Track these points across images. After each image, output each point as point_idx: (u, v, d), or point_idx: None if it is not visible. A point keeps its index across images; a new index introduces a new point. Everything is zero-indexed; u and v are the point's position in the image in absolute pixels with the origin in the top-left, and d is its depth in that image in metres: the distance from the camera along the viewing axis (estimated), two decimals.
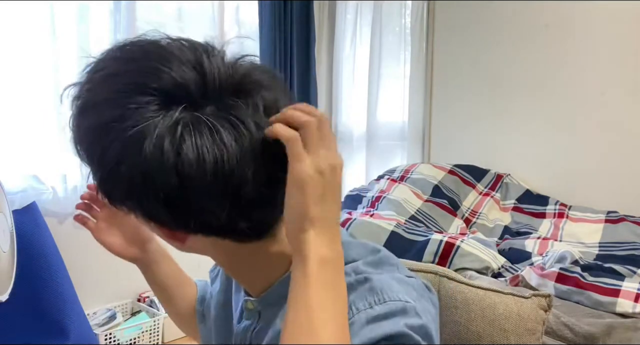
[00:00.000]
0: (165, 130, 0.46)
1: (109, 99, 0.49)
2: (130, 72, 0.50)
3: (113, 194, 0.51)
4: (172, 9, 2.49)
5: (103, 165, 0.49)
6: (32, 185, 1.95)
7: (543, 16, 2.90)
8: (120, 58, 0.52)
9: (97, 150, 0.49)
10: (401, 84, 3.35)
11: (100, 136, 0.48)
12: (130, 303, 2.39)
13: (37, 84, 1.94)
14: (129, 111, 0.47)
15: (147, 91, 0.48)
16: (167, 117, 0.47)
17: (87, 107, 0.50)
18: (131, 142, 0.46)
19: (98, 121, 0.49)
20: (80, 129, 0.51)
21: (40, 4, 1.92)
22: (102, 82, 0.50)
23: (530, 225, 2.54)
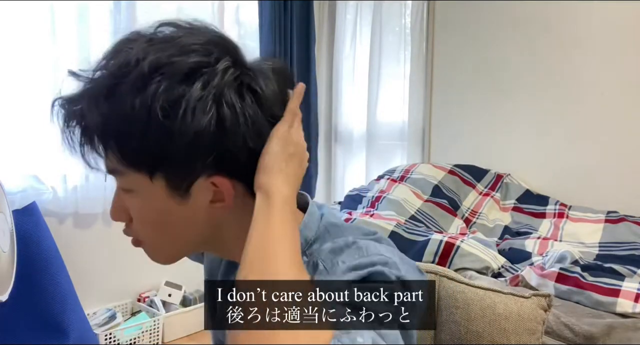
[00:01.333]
0: (233, 69, 0.55)
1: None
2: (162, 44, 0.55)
3: (167, 159, 0.54)
4: (172, 9, 2.49)
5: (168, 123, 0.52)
6: (32, 185, 1.95)
7: (543, 16, 2.90)
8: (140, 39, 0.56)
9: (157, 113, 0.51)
10: (401, 84, 3.35)
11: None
12: (130, 303, 2.39)
13: (37, 84, 1.94)
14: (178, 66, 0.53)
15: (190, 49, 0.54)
16: (223, 58, 0.55)
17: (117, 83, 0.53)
18: (193, 98, 0.52)
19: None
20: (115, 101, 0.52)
21: (40, 4, 1.92)
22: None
23: (530, 225, 2.54)
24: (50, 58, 1.98)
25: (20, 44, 1.90)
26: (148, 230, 0.60)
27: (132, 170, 0.55)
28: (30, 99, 1.93)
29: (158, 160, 0.54)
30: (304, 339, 0.46)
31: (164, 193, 0.56)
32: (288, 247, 0.52)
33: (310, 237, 0.62)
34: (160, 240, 0.61)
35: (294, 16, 2.78)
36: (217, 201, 0.57)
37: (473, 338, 0.79)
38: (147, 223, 0.59)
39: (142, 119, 0.51)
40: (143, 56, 0.52)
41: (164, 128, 0.51)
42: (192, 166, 0.54)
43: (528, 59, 2.97)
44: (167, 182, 0.55)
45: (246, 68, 0.57)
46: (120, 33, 0.56)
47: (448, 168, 2.83)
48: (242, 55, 0.58)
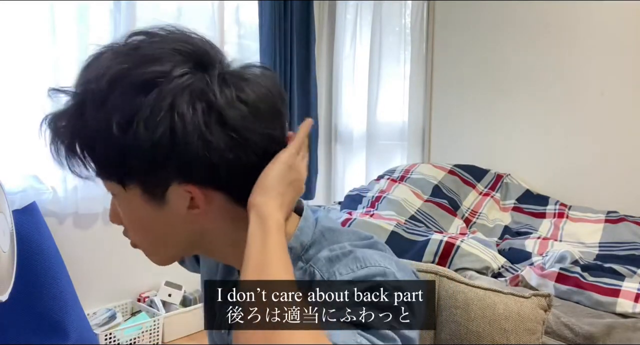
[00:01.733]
0: (189, 76, 0.54)
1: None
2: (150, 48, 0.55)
3: (155, 170, 0.54)
4: (172, 9, 2.49)
5: (149, 131, 0.52)
6: (32, 185, 1.95)
7: (543, 16, 2.90)
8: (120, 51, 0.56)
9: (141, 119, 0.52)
10: (401, 84, 3.35)
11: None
12: (130, 303, 2.39)
13: (37, 84, 1.94)
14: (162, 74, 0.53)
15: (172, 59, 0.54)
16: (186, 67, 0.54)
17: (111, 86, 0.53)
18: (176, 101, 0.52)
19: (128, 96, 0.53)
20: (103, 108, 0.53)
21: (40, 4, 1.92)
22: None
23: (530, 225, 2.54)
24: (50, 58, 1.98)
25: (20, 44, 1.90)
26: (136, 234, 0.62)
27: (107, 180, 0.57)
28: (30, 99, 1.92)
29: (124, 171, 0.55)
30: (304, 339, 0.46)
31: (140, 199, 0.57)
32: (284, 273, 0.52)
33: (306, 242, 0.62)
34: (149, 243, 0.63)
35: (294, 16, 2.78)
36: (194, 208, 0.57)
37: (473, 338, 0.79)
38: (133, 227, 0.61)
39: (103, 134, 0.52)
40: (104, 71, 0.53)
41: (122, 142, 0.52)
42: (157, 175, 0.55)
43: (528, 59, 2.97)
44: (140, 189, 0.56)
45: (209, 75, 0.54)
46: (120, 33, 0.57)
47: (448, 168, 2.83)
48: (213, 61, 0.56)
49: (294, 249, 0.61)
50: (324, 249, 0.61)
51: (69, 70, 2.02)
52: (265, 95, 0.57)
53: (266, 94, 0.57)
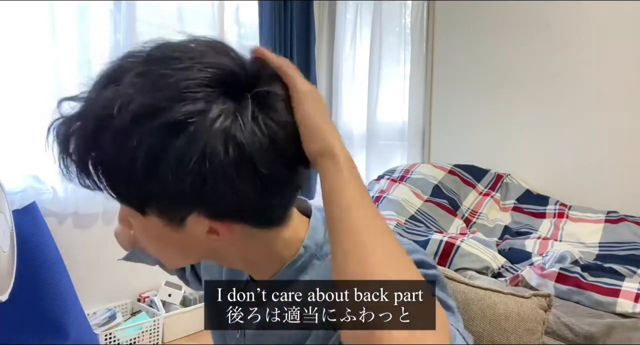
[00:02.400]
0: (223, 117, 0.49)
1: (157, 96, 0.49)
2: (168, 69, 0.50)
3: (168, 197, 0.51)
4: (172, 9, 2.49)
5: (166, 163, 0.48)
6: (32, 185, 1.95)
7: (543, 16, 2.90)
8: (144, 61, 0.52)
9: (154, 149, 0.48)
10: (401, 84, 3.35)
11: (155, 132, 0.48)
12: (130, 303, 2.39)
13: (37, 84, 1.94)
14: (181, 101, 0.48)
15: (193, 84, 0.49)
16: (218, 104, 0.49)
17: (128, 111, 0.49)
18: (193, 132, 0.48)
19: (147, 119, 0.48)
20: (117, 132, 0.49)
21: (40, 4, 1.92)
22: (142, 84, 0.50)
23: (530, 225, 2.54)
24: (50, 58, 1.97)
25: (20, 44, 1.90)
26: (149, 246, 0.60)
27: (123, 203, 0.55)
28: (30, 99, 1.92)
29: (145, 202, 0.53)
30: (425, 338, 0.44)
31: (158, 223, 0.54)
32: (379, 224, 0.50)
33: (320, 240, 0.61)
34: (160, 253, 0.62)
35: (294, 16, 2.78)
36: (213, 233, 0.55)
37: (473, 338, 0.79)
38: (146, 241, 0.59)
39: (125, 167, 0.49)
40: (128, 100, 0.48)
41: (146, 182, 0.49)
42: (179, 209, 0.52)
43: (528, 59, 2.97)
44: (159, 216, 0.53)
45: (239, 109, 0.50)
46: (120, 33, 0.55)
47: (448, 168, 2.83)
48: (242, 83, 0.52)
49: (308, 248, 0.60)
50: None
51: (69, 70, 2.02)
52: (292, 124, 0.53)
53: (292, 123, 0.53)
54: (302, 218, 0.63)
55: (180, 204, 0.51)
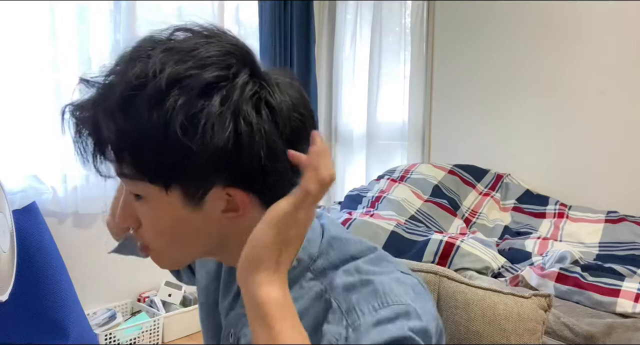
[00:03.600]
0: (252, 83, 0.53)
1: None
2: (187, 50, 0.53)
3: (194, 171, 0.52)
4: (172, 9, 2.49)
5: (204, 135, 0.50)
6: (32, 185, 1.95)
7: (543, 16, 2.90)
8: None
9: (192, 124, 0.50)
10: (401, 84, 3.35)
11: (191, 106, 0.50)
12: (130, 303, 2.39)
13: (37, 84, 1.94)
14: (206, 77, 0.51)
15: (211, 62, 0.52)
16: (245, 72, 0.53)
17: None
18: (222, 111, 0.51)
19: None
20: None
21: (40, 4, 1.92)
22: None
23: (530, 225, 2.54)
24: (50, 58, 1.98)
25: (20, 44, 1.90)
26: (158, 237, 0.59)
27: (147, 181, 0.54)
28: (30, 99, 1.93)
29: (174, 173, 0.52)
30: None
31: (178, 202, 0.54)
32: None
33: (314, 253, 0.61)
34: (169, 248, 0.60)
35: (294, 16, 2.78)
36: (230, 211, 0.56)
37: (473, 338, 0.79)
38: (158, 230, 0.58)
39: (159, 134, 0.50)
40: (160, 68, 0.50)
41: (182, 144, 0.50)
42: (208, 179, 0.53)
43: (528, 59, 2.97)
44: (182, 192, 0.54)
45: (264, 80, 0.54)
46: (120, 33, 0.55)
47: (448, 168, 2.83)
48: (259, 65, 0.56)
49: (302, 261, 0.60)
50: (337, 270, 0.59)
51: (69, 70, 2.02)
52: (303, 97, 0.58)
53: (303, 96, 0.58)
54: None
55: (210, 170, 0.52)
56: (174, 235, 0.58)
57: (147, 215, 0.57)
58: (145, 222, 0.58)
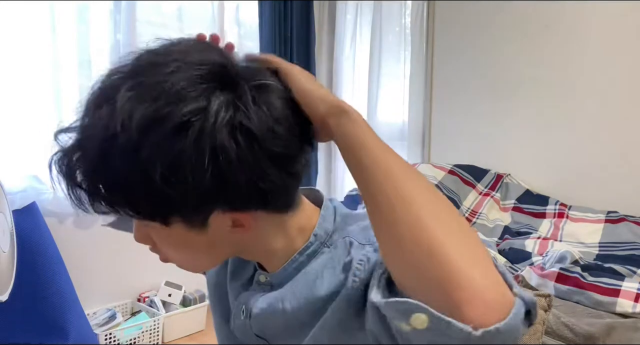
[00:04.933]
0: (224, 109, 0.49)
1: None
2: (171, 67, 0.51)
3: (190, 198, 0.51)
4: (172, 9, 2.48)
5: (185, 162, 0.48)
6: (32, 185, 1.95)
7: (543, 16, 2.90)
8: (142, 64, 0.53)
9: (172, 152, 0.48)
10: (401, 84, 3.35)
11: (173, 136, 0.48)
12: (130, 303, 2.39)
13: (37, 84, 1.94)
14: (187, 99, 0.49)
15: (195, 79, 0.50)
16: (217, 97, 0.50)
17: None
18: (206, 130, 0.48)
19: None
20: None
21: (40, 4, 1.92)
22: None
23: (530, 225, 2.54)
24: (50, 58, 1.97)
25: (20, 44, 1.89)
26: (174, 254, 0.60)
27: (144, 221, 0.55)
28: (30, 99, 1.92)
29: (168, 212, 0.52)
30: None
31: (183, 230, 0.55)
32: (415, 171, 0.50)
33: (329, 229, 0.63)
34: (187, 261, 0.62)
35: (294, 16, 2.78)
36: (238, 227, 0.56)
37: None
38: (172, 249, 0.60)
39: (142, 182, 0.49)
40: (128, 115, 0.47)
41: (166, 191, 0.49)
42: (203, 210, 0.53)
43: (528, 59, 2.97)
44: (183, 222, 0.54)
45: (238, 98, 0.50)
46: (120, 33, 0.55)
47: (448, 168, 2.83)
48: (232, 74, 0.52)
49: (318, 236, 0.62)
50: (347, 227, 0.62)
51: (69, 70, 2.02)
52: (291, 100, 0.55)
53: (290, 99, 0.55)
54: (314, 207, 0.65)
55: (203, 205, 0.52)
56: (188, 252, 0.59)
57: (158, 238, 0.58)
58: (159, 243, 0.59)
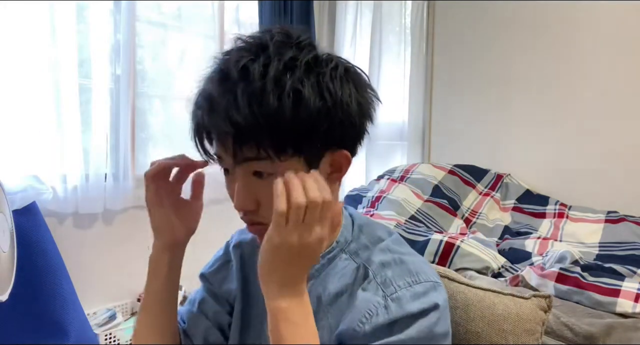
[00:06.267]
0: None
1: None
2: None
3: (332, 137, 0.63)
4: (172, 9, 2.49)
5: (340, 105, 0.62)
6: (32, 185, 1.94)
7: (543, 16, 2.90)
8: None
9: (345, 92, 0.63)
10: (401, 84, 3.35)
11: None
12: (130, 303, 2.39)
13: (37, 84, 1.94)
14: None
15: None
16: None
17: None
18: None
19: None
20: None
21: (40, 4, 1.92)
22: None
23: (530, 225, 2.54)
24: (50, 58, 1.97)
25: (20, 44, 1.89)
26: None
27: (277, 156, 0.61)
28: (30, 99, 1.92)
29: (301, 143, 0.61)
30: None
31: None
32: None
33: (349, 237, 0.73)
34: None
35: (294, 16, 2.78)
36: (334, 172, 0.67)
37: (472, 338, 0.79)
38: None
39: (291, 113, 0.59)
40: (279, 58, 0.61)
41: (306, 115, 0.60)
42: (324, 138, 0.62)
43: (528, 59, 2.97)
44: (305, 160, 0.63)
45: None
46: (120, 33, 0.56)
47: (448, 168, 2.83)
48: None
49: (340, 242, 0.73)
50: (372, 249, 0.72)
51: (69, 70, 2.02)
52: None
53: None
54: (340, 213, 0.74)
55: (326, 133, 0.62)
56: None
57: (268, 194, 0.61)
58: (267, 199, 0.62)
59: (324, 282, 0.71)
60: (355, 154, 0.68)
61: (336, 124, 0.62)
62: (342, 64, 0.66)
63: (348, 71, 0.66)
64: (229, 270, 0.83)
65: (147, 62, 2.45)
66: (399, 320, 0.62)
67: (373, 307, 0.64)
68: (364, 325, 0.63)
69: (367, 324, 0.63)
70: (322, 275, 0.72)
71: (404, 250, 0.73)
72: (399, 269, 0.67)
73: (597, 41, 2.73)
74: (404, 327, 0.62)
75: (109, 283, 2.29)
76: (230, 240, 0.87)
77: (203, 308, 0.82)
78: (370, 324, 0.63)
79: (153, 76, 2.46)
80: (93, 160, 2.13)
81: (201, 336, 0.80)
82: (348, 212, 0.77)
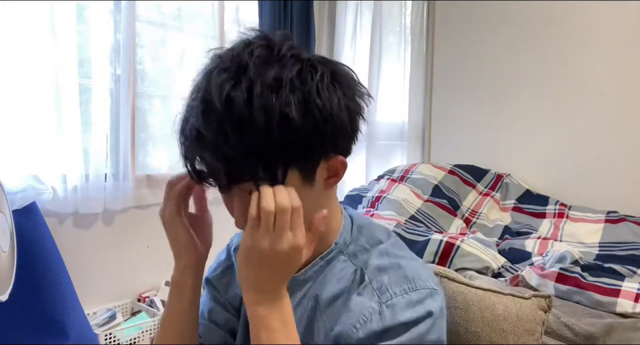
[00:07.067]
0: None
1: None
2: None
3: (319, 147, 0.62)
4: (172, 9, 2.49)
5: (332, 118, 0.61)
6: (32, 185, 1.94)
7: (543, 16, 2.90)
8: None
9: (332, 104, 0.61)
10: (401, 84, 3.35)
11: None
12: (130, 303, 2.39)
13: (37, 84, 1.94)
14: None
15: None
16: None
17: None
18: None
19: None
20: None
21: (40, 4, 1.92)
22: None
23: (530, 225, 2.54)
24: (50, 58, 1.97)
25: (20, 44, 1.89)
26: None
27: (271, 179, 0.61)
28: (30, 99, 1.92)
29: (295, 161, 0.61)
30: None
31: (299, 188, 0.63)
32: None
33: (347, 239, 0.73)
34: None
35: (294, 16, 2.78)
36: (332, 177, 0.67)
37: (472, 338, 0.79)
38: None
39: (279, 129, 0.58)
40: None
41: (297, 137, 0.59)
42: (317, 151, 0.62)
43: (528, 59, 2.97)
44: (299, 176, 0.63)
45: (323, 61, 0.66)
46: (120, 33, 0.56)
47: (448, 168, 2.83)
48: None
49: (338, 244, 0.73)
50: (370, 252, 0.72)
51: (69, 70, 2.02)
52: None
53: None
54: (337, 214, 0.74)
55: (320, 142, 0.62)
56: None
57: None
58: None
59: (322, 284, 0.71)
60: (349, 153, 0.69)
61: (328, 136, 0.62)
62: (327, 69, 0.64)
63: (334, 75, 0.64)
64: (232, 274, 0.83)
65: (147, 62, 2.45)
66: (392, 328, 0.63)
67: (367, 313, 0.65)
68: (357, 331, 0.64)
69: (360, 329, 0.64)
70: (321, 277, 0.72)
71: (403, 254, 0.73)
72: (395, 274, 0.67)
73: (597, 41, 2.73)
74: (395, 335, 0.63)
75: (109, 283, 2.29)
76: (231, 244, 0.87)
77: (213, 318, 0.82)
78: (364, 330, 0.64)
79: (153, 76, 2.46)
80: (93, 160, 2.13)
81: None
82: (348, 213, 0.77)
